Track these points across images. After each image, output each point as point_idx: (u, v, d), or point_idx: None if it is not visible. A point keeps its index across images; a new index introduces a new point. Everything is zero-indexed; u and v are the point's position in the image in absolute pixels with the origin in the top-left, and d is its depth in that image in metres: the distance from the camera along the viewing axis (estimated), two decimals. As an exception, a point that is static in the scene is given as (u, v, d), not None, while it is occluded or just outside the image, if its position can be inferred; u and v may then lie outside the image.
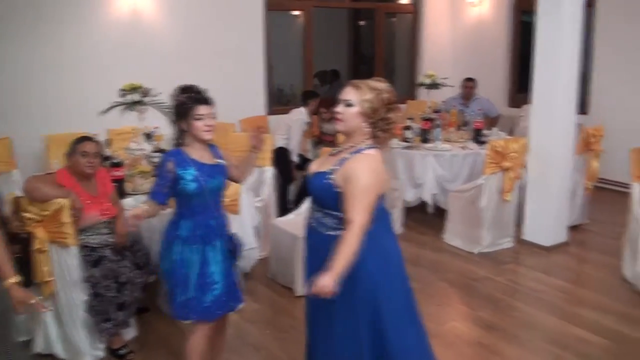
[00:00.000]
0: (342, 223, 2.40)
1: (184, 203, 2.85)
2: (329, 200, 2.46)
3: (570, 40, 5.08)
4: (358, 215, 2.33)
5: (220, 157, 2.99)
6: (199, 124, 2.80)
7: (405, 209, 5.85)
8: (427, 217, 5.98)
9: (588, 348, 3.70)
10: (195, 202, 2.84)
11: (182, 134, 2.86)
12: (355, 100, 2.43)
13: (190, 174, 2.78)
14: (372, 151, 2.45)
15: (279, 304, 4.37)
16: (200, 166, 2.83)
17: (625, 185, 4.79)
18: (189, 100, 2.80)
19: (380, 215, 2.51)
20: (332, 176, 2.42)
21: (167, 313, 3.57)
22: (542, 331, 3.95)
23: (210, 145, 2.96)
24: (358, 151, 2.44)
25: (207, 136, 2.85)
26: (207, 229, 2.88)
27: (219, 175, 2.92)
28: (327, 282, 2.25)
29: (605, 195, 6.61)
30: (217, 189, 2.94)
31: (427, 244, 5.50)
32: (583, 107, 7.36)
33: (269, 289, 4.59)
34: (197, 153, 2.86)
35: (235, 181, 3.18)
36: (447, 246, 5.44)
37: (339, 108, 2.48)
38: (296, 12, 8.46)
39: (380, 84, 2.47)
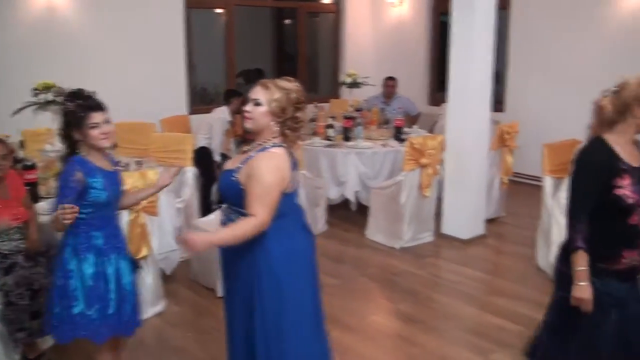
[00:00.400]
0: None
1: (93, 213, 2.68)
2: (235, 198, 2.46)
3: (483, 41, 5.26)
4: (260, 213, 2.36)
5: (117, 164, 2.89)
6: (94, 133, 2.60)
7: (329, 207, 5.89)
8: (350, 214, 6.04)
9: (504, 335, 3.84)
10: (104, 213, 2.73)
11: (75, 144, 2.66)
12: (264, 99, 2.45)
13: (99, 182, 2.64)
14: (277, 149, 2.47)
15: (201, 306, 4.30)
16: (105, 174, 2.70)
17: (539, 179, 5.00)
18: (79, 109, 2.60)
19: (289, 211, 2.53)
20: (236, 174, 2.44)
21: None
22: (460, 321, 4.08)
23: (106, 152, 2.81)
24: (264, 149, 2.46)
25: (105, 144, 2.67)
26: (115, 239, 2.79)
27: (120, 183, 2.83)
28: (197, 240, 2.33)
29: (520, 189, 6.88)
30: (119, 198, 2.84)
31: (350, 241, 5.56)
32: (499, 105, 7.67)
33: (191, 291, 4.52)
34: (98, 161, 2.71)
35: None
36: (369, 242, 5.52)
37: (248, 107, 2.49)
38: (219, 10, 8.37)
39: (289, 84, 2.50)
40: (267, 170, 2.39)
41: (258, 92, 2.48)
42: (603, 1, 6.73)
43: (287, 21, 11.25)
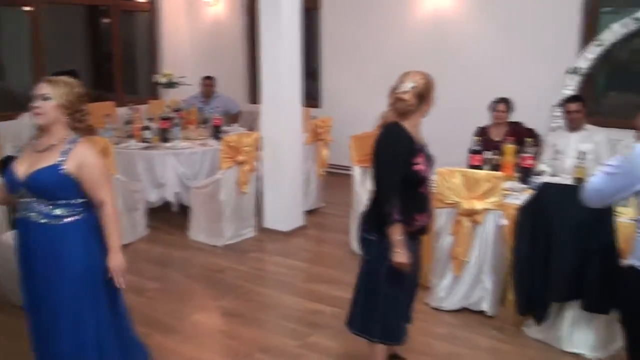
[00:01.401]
0: (79, 207, 2.61)
1: None
2: (64, 191, 2.57)
3: (290, 41, 5.46)
4: (106, 195, 2.62)
5: None
6: None
7: (150, 210, 5.77)
8: (172, 216, 5.97)
9: (320, 318, 4.05)
10: None
11: None
12: (52, 93, 2.55)
13: None
14: (84, 140, 2.64)
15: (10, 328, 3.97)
16: None
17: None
18: None
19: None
20: (63, 167, 2.53)
21: None
22: (280, 310, 4.23)
23: None
24: (74, 141, 2.60)
25: None
26: None
27: None
28: (119, 260, 2.65)
29: (338, 180, 7.20)
30: None
31: (173, 243, 5.49)
32: (316, 101, 8.00)
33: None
34: None
35: None
36: (192, 243, 5.50)
37: (37, 103, 2.56)
38: (28, 8, 7.79)
39: (71, 79, 2.65)
40: (96, 157, 2.62)
41: (44, 88, 2.58)
42: (405, 3, 7.28)
43: (103, 20, 10.75)
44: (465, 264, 3.99)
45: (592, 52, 5.88)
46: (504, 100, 5.17)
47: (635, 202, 2.30)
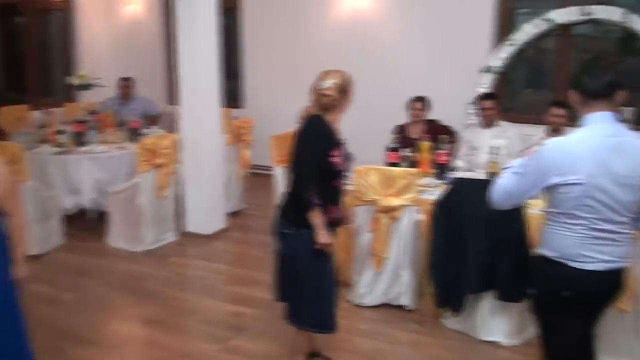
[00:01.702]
0: None
1: None
2: None
3: (208, 41, 5.39)
4: (14, 205, 2.60)
5: None
6: None
7: (66, 217, 5.55)
8: (89, 223, 5.77)
9: (241, 320, 4.02)
10: None
11: None
12: None
13: None
14: None
15: None
16: None
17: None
18: None
19: None
20: None
21: None
22: (201, 315, 4.15)
23: None
24: None
25: None
26: None
27: None
28: (24, 269, 2.64)
29: (261, 181, 7.14)
30: None
31: (91, 251, 5.30)
32: (239, 102, 7.95)
33: None
34: None
35: None
36: (111, 249, 5.32)
37: None
38: None
39: None
40: (1, 164, 2.59)
41: None
42: (325, 3, 7.33)
43: (16, 19, 10.26)
44: (385, 260, 4.04)
45: (505, 52, 6.10)
46: (421, 99, 5.28)
47: (544, 195, 2.37)
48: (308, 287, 3.00)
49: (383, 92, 6.86)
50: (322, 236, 2.90)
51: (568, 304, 2.35)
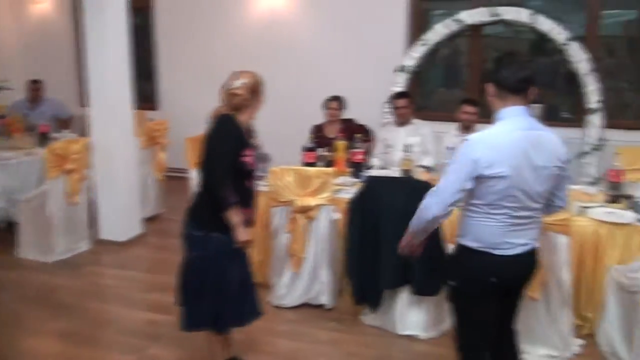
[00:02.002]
0: None
1: None
2: None
3: (117, 41, 5.23)
4: None
5: None
6: None
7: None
8: (-2, 234, 5.51)
9: (158, 328, 3.92)
10: None
11: None
12: None
13: None
14: None
15: None
16: None
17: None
18: None
19: None
20: None
21: None
22: (117, 325, 4.04)
23: None
24: None
25: None
26: None
27: None
28: None
29: (178, 184, 6.98)
30: None
31: (0, 263, 5.05)
32: (153, 104, 7.79)
33: None
34: None
35: None
36: (21, 261, 5.08)
37: None
38: None
39: None
40: None
41: None
42: (240, 2, 7.28)
43: None
44: (303, 260, 4.05)
45: (417, 51, 6.24)
46: (336, 98, 5.33)
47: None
48: (214, 289, 2.95)
49: (299, 91, 6.88)
50: (242, 234, 2.88)
51: (492, 290, 2.47)
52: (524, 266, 2.51)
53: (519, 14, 5.89)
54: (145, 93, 7.56)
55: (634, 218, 3.61)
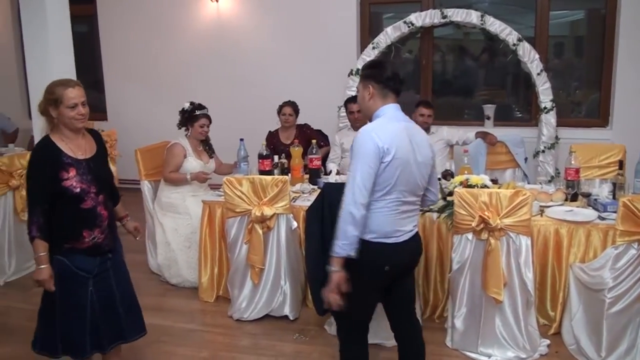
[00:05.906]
0: None
1: None
2: None
3: (60, 50, 5.00)
4: None
5: None
6: None
7: None
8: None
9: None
10: None
11: None
12: None
13: None
14: None
15: None
16: None
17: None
18: None
19: None
20: None
21: None
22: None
23: None
24: None
25: None
26: None
27: None
28: None
29: (130, 196, 6.74)
30: None
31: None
32: (102, 114, 7.60)
33: None
34: None
35: None
36: (-32, 284, 4.86)
37: None
38: None
39: None
40: None
41: None
42: (188, 7, 7.13)
43: None
44: (263, 272, 3.97)
45: (368, 55, 6.22)
46: (290, 104, 5.27)
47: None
48: (60, 312, 2.82)
49: (252, 98, 6.80)
50: (38, 272, 2.76)
51: (386, 277, 2.68)
52: (412, 251, 2.77)
53: (469, 16, 5.92)
54: (94, 103, 7.35)
55: (593, 215, 3.65)
